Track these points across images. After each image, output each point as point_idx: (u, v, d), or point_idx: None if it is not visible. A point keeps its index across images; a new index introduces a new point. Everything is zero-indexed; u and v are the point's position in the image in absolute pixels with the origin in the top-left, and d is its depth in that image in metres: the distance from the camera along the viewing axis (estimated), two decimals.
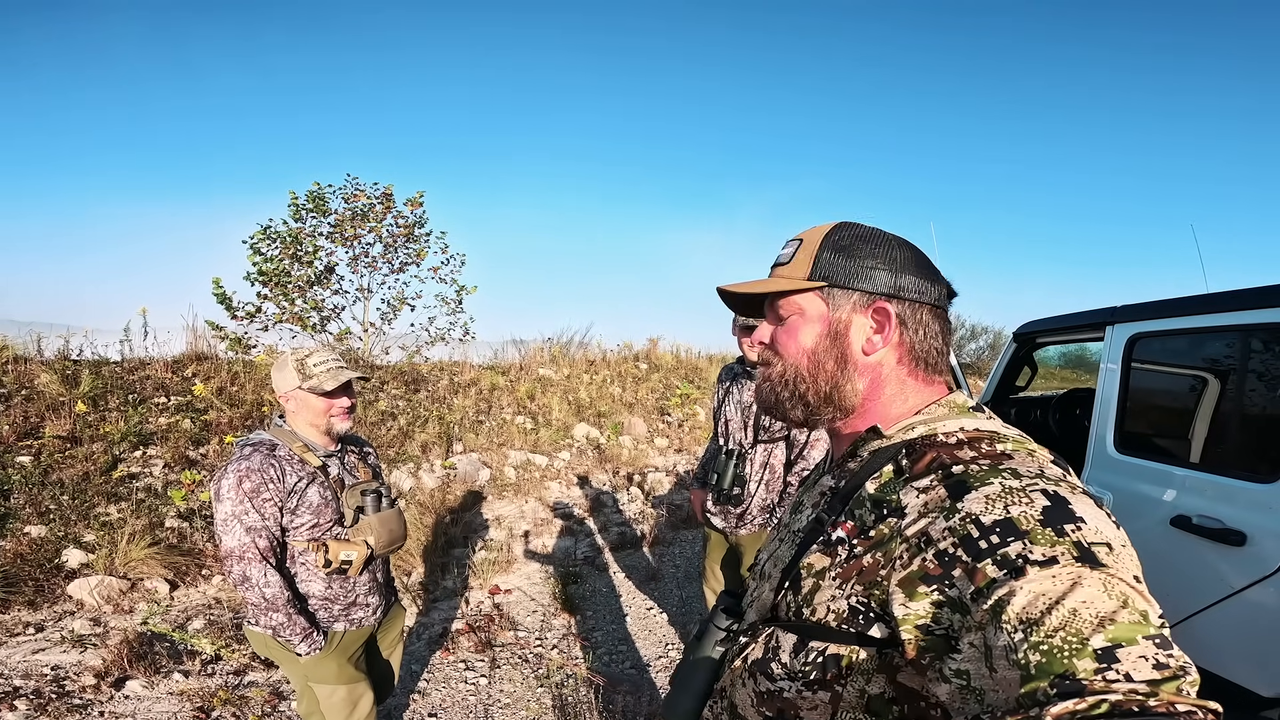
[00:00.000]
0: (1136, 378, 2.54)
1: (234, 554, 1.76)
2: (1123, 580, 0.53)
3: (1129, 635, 0.49)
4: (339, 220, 8.08)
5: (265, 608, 1.78)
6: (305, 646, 1.82)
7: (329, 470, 1.94)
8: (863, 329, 0.79)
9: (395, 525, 2.00)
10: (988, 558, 0.56)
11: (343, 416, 1.96)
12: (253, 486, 1.76)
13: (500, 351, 8.68)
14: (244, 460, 1.79)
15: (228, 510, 1.75)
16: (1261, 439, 2.06)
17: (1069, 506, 0.58)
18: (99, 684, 2.86)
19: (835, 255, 0.79)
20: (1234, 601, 1.89)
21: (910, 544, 0.63)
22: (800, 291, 0.81)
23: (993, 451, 0.68)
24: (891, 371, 0.79)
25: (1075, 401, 4.04)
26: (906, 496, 0.67)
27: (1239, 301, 2.09)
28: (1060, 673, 0.49)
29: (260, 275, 7.61)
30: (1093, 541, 0.55)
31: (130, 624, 3.37)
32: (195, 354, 6.18)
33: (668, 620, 3.78)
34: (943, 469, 0.67)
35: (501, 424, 6.70)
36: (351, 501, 1.94)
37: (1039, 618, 0.51)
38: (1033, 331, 3.45)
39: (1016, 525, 0.57)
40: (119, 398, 5.11)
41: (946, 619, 0.58)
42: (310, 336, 7.88)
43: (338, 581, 1.93)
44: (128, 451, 4.69)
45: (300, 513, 1.84)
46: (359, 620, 1.98)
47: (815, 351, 0.80)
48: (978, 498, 0.61)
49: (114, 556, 3.79)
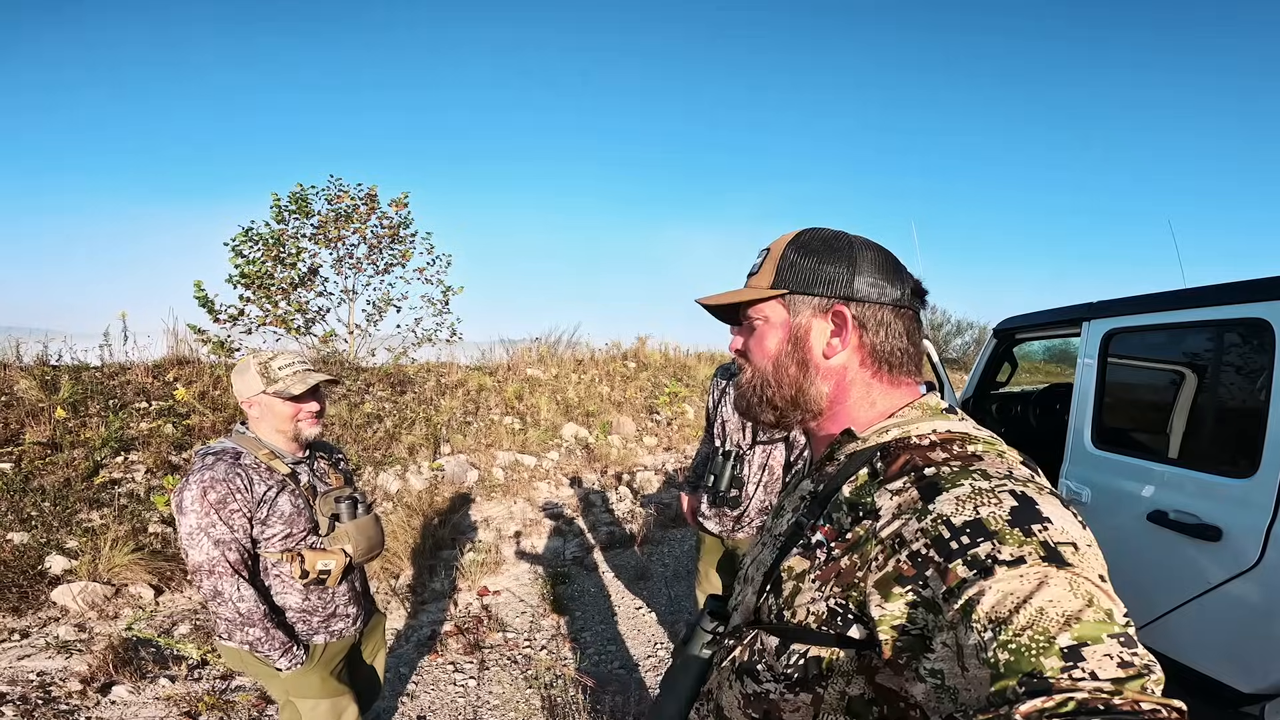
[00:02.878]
0: (1113, 373, 2.58)
1: (203, 569, 1.68)
2: (1088, 579, 0.54)
3: (1094, 634, 0.50)
4: (322, 221, 8.02)
5: (240, 623, 1.70)
6: (286, 661, 1.75)
7: (299, 478, 1.86)
8: (822, 333, 0.80)
9: (373, 532, 1.94)
10: (958, 558, 0.57)
11: (311, 422, 1.88)
12: (218, 497, 1.68)
13: (488, 352, 8.66)
14: (207, 470, 1.70)
15: (193, 523, 1.66)
16: (1237, 434, 2.09)
17: (1036, 507, 0.59)
18: (85, 690, 2.84)
19: (796, 261, 0.81)
20: (1211, 597, 1.91)
21: (885, 545, 0.64)
22: (762, 300, 0.83)
23: (964, 453, 0.69)
24: (856, 374, 0.80)
25: (1055, 397, 4.10)
26: (881, 499, 0.68)
27: (1213, 297, 2.12)
28: (1028, 671, 0.50)
29: (242, 278, 7.54)
30: (1059, 541, 0.56)
31: (115, 630, 3.34)
32: (176, 358, 6.11)
33: (656, 620, 3.79)
34: (915, 471, 0.68)
35: (489, 425, 6.69)
36: (325, 509, 1.87)
37: (1007, 617, 0.52)
38: (1012, 327, 3.49)
39: (985, 526, 0.58)
40: (99, 403, 5.05)
41: (921, 619, 0.59)
42: (295, 339, 7.82)
43: (316, 593, 1.86)
44: (109, 457, 4.64)
45: (272, 523, 1.77)
46: (340, 631, 1.93)
47: (779, 356, 0.82)
48: (949, 499, 0.61)
49: (97, 563, 3.75)
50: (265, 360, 1.81)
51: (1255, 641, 1.80)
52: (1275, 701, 1.68)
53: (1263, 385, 1.91)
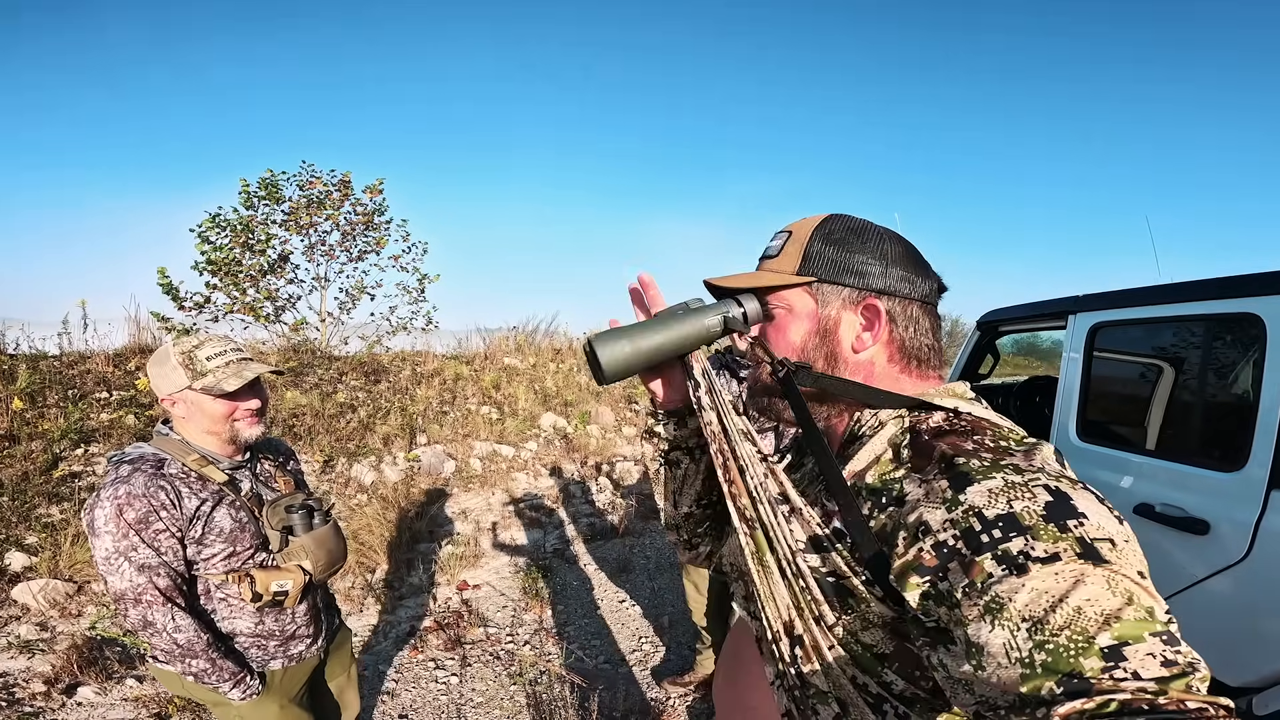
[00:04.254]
0: (1099, 366, 2.60)
1: (127, 597, 1.41)
2: (1127, 576, 0.52)
3: (1135, 633, 0.49)
4: (294, 208, 7.80)
5: (181, 654, 1.45)
6: (239, 692, 1.52)
7: (239, 486, 1.59)
8: (852, 326, 0.77)
9: (334, 544, 1.67)
10: (987, 551, 0.55)
11: (251, 421, 1.58)
12: (138, 516, 1.39)
13: (464, 340, 8.53)
14: (121, 484, 1.41)
15: (109, 547, 1.39)
16: (1225, 428, 2.10)
17: (1071, 502, 0.57)
18: (49, 691, 2.73)
19: (825, 249, 0.77)
20: (1198, 590, 1.92)
21: (909, 532, 0.62)
22: (789, 287, 0.78)
23: (996, 446, 0.66)
24: (883, 370, 0.77)
25: (1035, 389, 4.14)
26: (909, 485, 0.66)
27: (1203, 291, 2.12)
28: (1066, 672, 0.48)
29: (209, 264, 7.30)
30: (1095, 537, 0.54)
31: (79, 628, 3.21)
32: (139, 346, 5.91)
33: (640, 613, 3.76)
34: (945, 460, 0.65)
35: (466, 415, 6.59)
36: (276, 520, 1.60)
37: (1043, 616, 0.51)
38: (996, 320, 3.50)
39: (1019, 520, 0.56)
40: (58, 393, 4.85)
41: (934, 611, 0.58)
42: (264, 327, 7.62)
43: (271, 615, 1.60)
44: (69, 450, 4.45)
45: (210, 542, 1.50)
46: (299, 655, 1.68)
47: (804, 349, 0.78)
48: (980, 490, 0.59)
49: (58, 559, 3.60)
50: (189, 349, 1.50)
51: (1242, 635, 1.81)
52: (1264, 694, 1.69)
53: (1252, 380, 1.93)
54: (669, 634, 3.48)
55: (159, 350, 1.53)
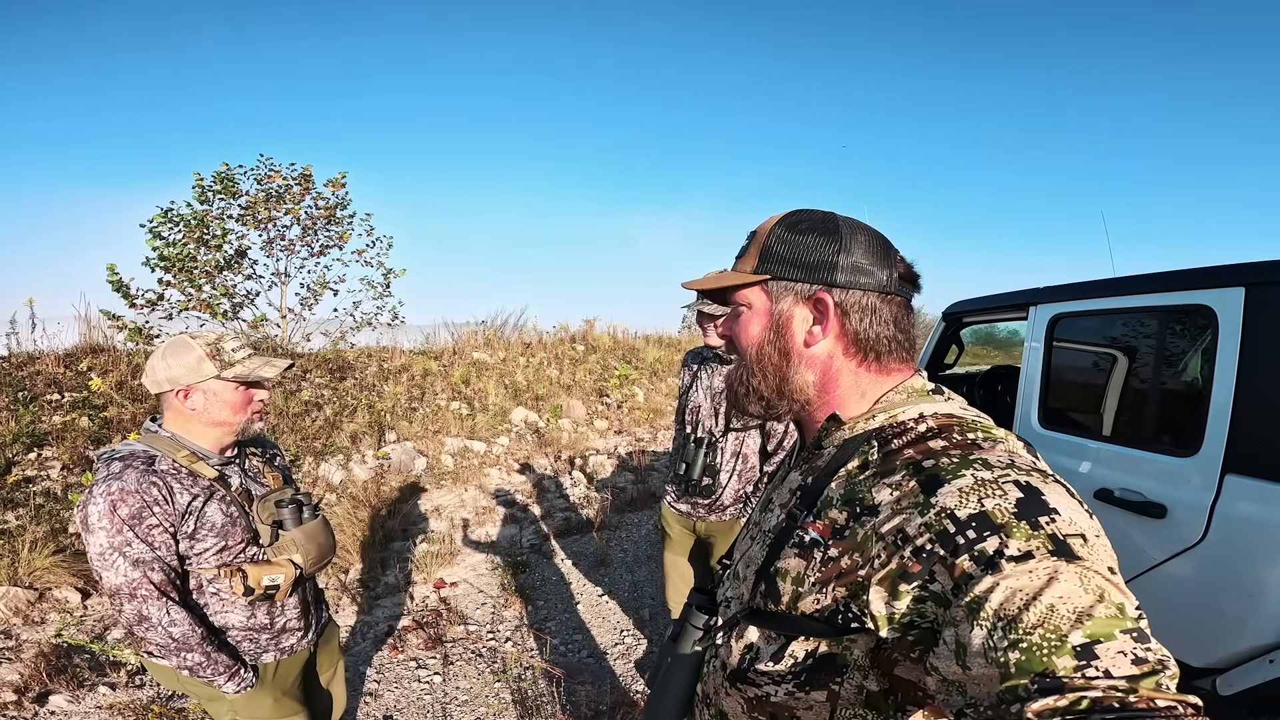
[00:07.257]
0: (1059, 356, 2.70)
1: (122, 592, 1.44)
2: (1099, 573, 0.53)
3: (1107, 630, 0.50)
4: (251, 202, 7.56)
5: (176, 648, 1.49)
6: (233, 685, 1.56)
7: (229, 481, 1.63)
8: (804, 320, 0.77)
9: (323, 538, 1.72)
10: (965, 553, 0.56)
11: (260, 413, 1.68)
12: (131, 512, 1.43)
13: (432, 335, 8.42)
14: (115, 480, 1.44)
15: (104, 543, 1.42)
16: (1180, 415, 2.18)
17: (1042, 497, 0.58)
18: (20, 700, 2.65)
19: (778, 247, 0.78)
20: (1157, 573, 1.98)
21: (887, 542, 0.62)
22: (744, 286, 0.80)
23: (963, 441, 0.67)
24: (841, 363, 0.77)
25: (997, 379, 4.28)
26: (879, 493, 0.66)
27: (1160, 284, 2.19)
28: (1040, 670, 0.49)
29: (161, 260, 7.04)
30: (1067, 534, 0.55)
31: (44, 636, 3.11)
32: (90, 346, 5.68)
33: (620, 607, 3.79)
34: (913, 463, 0.66)
35: (436, 410, 6.52)
36: (266, 515, 1.65)
37: (1016, 614, 0.52)
38: (960, 311, 3.61)
39: (991, 519, 0.57)
40: (8, 396, 4.65)
41: (930, 613, 0.58)
42: (221, 324, 7.39)
43: (263, 609, 1.65)
44: (21, 454, 4.28)
45: (202, 537, 1.54)
46: (291, 647, 1.73)
47: (761, 345, 0.80)
48: (951, 491, 0.60)
49: (17, 566, 3.47)
50: (214, 340, 1.58)
51: (1202, 616, 1.86)
52: (1227, 675, 1.74)
53: (1203, 368, 2.03)
54: (650, 626, 3.52)
55: (173, 342, 1.56)
